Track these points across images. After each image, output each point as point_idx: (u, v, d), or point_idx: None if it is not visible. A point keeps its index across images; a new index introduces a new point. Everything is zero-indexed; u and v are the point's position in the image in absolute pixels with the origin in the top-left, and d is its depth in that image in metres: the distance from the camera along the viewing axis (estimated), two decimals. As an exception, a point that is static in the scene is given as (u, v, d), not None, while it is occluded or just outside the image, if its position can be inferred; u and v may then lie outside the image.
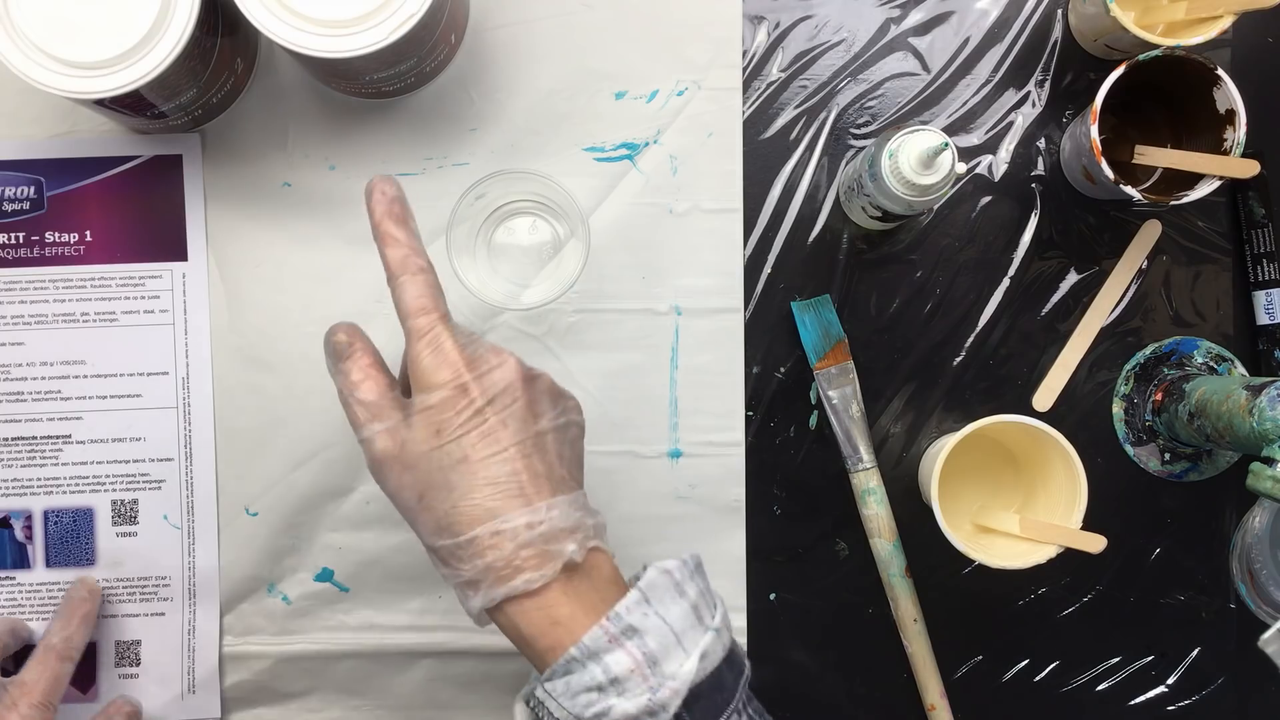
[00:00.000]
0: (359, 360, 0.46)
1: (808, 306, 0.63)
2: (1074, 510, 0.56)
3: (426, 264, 0.46)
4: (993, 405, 0.64)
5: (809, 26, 0.64)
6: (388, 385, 0.46)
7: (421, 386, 0.44)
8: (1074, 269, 0.64)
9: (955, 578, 0.64)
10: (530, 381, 0.46)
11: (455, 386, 0.44)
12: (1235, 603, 0.64)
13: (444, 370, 0.44)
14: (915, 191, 0.55)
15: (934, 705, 0.62)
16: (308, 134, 0.63)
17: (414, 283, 0.45)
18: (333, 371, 0.47)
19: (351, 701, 0.63)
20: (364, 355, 0.47)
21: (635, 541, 0.63)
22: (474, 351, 0.45)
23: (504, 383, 0.45)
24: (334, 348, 0.47)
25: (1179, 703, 0.64)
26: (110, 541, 0.63)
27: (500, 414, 0.44)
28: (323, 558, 0.63)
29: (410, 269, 0.46)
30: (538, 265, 0.62)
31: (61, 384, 0.62)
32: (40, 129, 0.62)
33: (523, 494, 0.44)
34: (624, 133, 0.63)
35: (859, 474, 0.63)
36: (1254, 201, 0.63)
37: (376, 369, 0.46)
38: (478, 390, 0.44)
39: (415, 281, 0.46)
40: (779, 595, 0.64)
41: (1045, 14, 0.64)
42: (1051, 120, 0.64)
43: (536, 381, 0.46)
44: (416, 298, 0.45)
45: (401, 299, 0.46)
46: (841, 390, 0.63)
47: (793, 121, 0.64)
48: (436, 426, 0.44)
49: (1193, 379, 0.60)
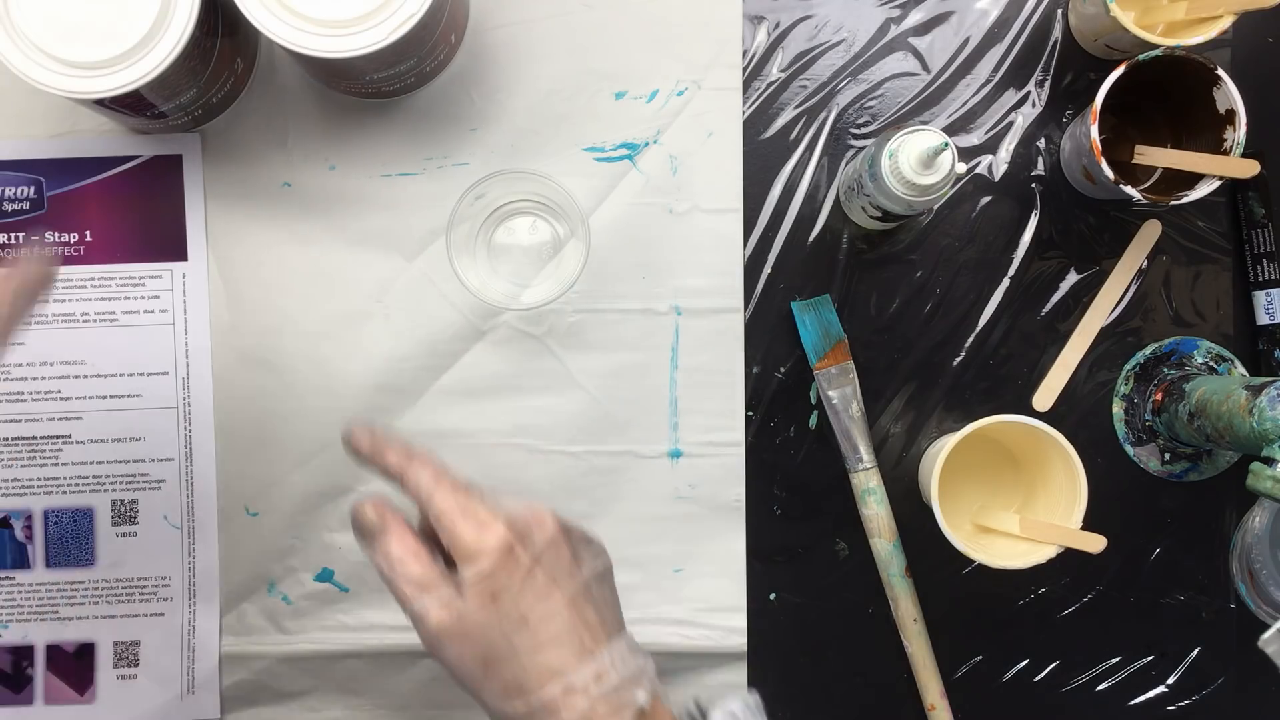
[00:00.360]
0: (395, 536, 0.45)
1: (808, 306, 0.63)
2: (1074, 510, 0.56)
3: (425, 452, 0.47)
4: (993, 405, 0.64)
5: (809, 26, 0.64)
6: (429, 556, 0.45)
7: (466, 557, 0.44)
8: (1074, 269, 0.64)
9: (955, 578, 0.64)
10: (567, 532, 0.46)
11: (502, 551, 0.44)
12: (1235, 603, 0.64)
13: (487, 536, 0.44)
14: (915, 191, 0.55)
15: (934, 705, 0.62)
16: (308, 134, 0.63)
17: (423, 468, 0.46)
18: (366, 549, 0.47)
19: (351, 701, 0.63)
20: (399, 529, 0.46)
21: (635, 541, 0.63)
22: (509, 512, 0.45)
23: (545, 538, 0.45)
24: (364, 526, 0.46)
25: (1179, 703, 0.64)
26: (110, 541, 0.63)
27: (548, 570, 0.45)
28: (323, 558, 0.63)
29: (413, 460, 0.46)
30: (538, 265, 0.62)
31: (61, 384, 0.62)
32: (40, 129, 0.62)
33: (583, 646, 0.44)
34: (624, 133, 0.63)
35: (859, 474, 0.63)
36: (1254, 201, 0.63)
37: (415, 540, 0.46)
38: (523, 550, 0.44)
39: (424, 467, 0.46)
40: (779, 595, 0.64)
41: (1045, 14, 0.64)
42: (1051, 120, 0.64)
43: (572, 531, 0.47)
44: (429, 479, 0.45)
45: (417, 486, 0.46)
46: (841, 390, 0.63)
47: (793, 121, 0.64)
48: (491, 593, 0.44)
49: (1193, 379, 0.60)
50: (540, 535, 0.45)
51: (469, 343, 0.63)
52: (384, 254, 0.63)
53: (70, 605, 0.63)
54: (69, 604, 0.63)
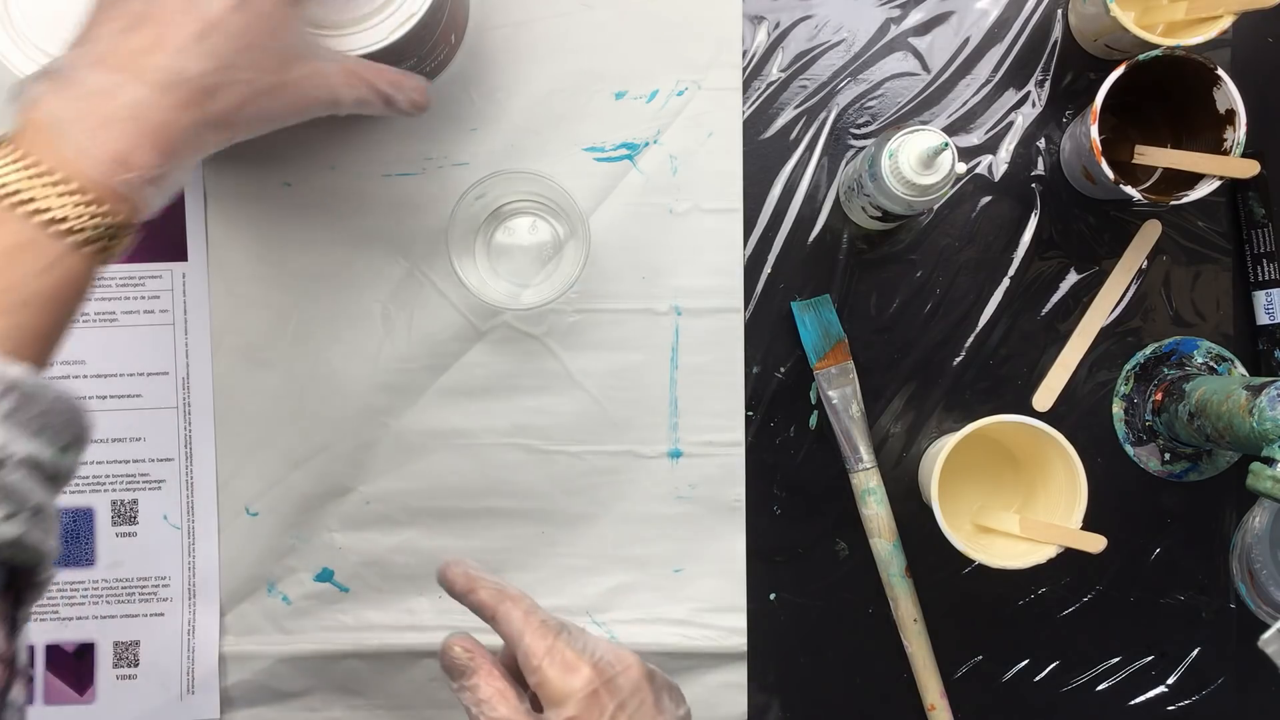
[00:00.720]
0: (484, 676, 0.47)
1: (808, 306, 0.63)
2: (1074, 510, 0.56)
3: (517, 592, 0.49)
4: (993, 405, 0.64)
5: (809, 26, 0.64)
6: (516, 698, 0.47)
7: (554, 701, 0.45)
8: (1074, 269, 0.64)
9: (955, 578, 0.64)
10: (650, 679, 0.48)
11: (587, 695, 0.45)
12: (1235, 603, 0.64)
13: (574, 680, 0.45)
14: (915, 191, 0.55)
15: (934, 705, 0.62)
16: (308, 134, 0.62)
17: (514, 607, 0.48)
18: (454, 687, 0.48)
19: (351, 701, 0.63)
20: (488, 669, 0.48)
21: (635, 541, 0.63)
22: (597, 656, 0.47)
23: (631, 685, 0.46)
24: (453, 664, 0.48)
25: (1179, 703, 0.64)
26: (110, 541, 0.63)
27: (631, 716, 0.46)
28: (323, 558, 0.63)
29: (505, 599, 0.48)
30: (538, 265, 0.62)
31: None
32: (40, 129, 0.62)
33: None
34: (624, 133, 0.63)
35: (859, 474, 0.63)
36: (1254, 201, 0.63)
37: (503, 680, 0.47)
38: (608, 696, 0.46)
39: (515, 606, 0.48)
40: (779, 595, 0.64)
41: (1045, 14, 0.64)
42: (1051, 120, 0.64)
43: (655, 678, 0.48)
44: (520, 618, 0.47)
45: (509, 624, 0.47)
46: (841, 390, 0.63)
47: (793, 121, 0.64)
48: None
49: (1193, 379, 0.60)
50: (625, 681, 0.46)
51: (469, 343, 0.63)
52: (384, 254, 0.63)
53: (70, 605, 0.63)
54: (69, 604, 0.63)
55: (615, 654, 0.47)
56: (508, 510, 0.63)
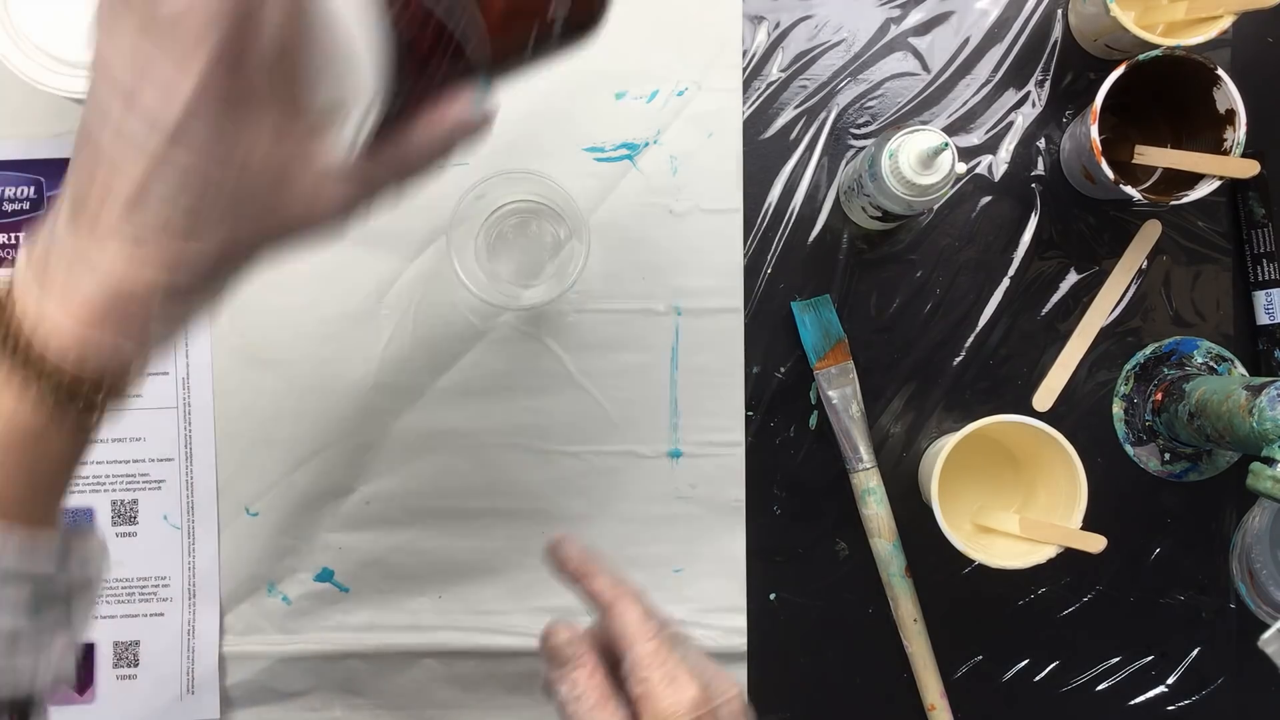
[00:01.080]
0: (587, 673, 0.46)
1: (808, 306, 0.63)
2: (1074, 510, 0.56)
3: (635, 590, 0.47)
4: (993, 405, 0.64)
5: (809, 26, 0.64)
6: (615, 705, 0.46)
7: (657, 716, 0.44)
8: (1074, 269, 0.64)
9: (955, 578, 0.64)
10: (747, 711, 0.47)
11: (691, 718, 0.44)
12: (1235, 603, 0.64)
13: (681, 699, 0.44)
14: (915, 191, 0.55)
15: (934, 705, 0.62)
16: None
17: (633, 608, 0.46)
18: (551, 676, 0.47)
19: (351, 701, 0.63)
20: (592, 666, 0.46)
21: (635, 541, 0.63)
22: (706, 678, 0.45)
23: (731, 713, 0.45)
24: (555, 652, 0.46)
25: (1179, 703, 0.64)
26: (110, 541, 0.62)
27: None
28: (323, 558, 0.63)
29: (623, 595, 0.46)
30: (538, 265, 0.62)
31: (61, 384, 0.62)
32: (40, 129, 0.62)
33: None
34: (624, 133, 0.63)
35: (859, 474, 0.63)
36: (1254, 201, 0.63)
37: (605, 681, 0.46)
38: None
39: (632, 606, 0.46)
40: (779, 595, 0.64)
41: (1045, 14, 0.64)
42: (1051, 120, 0.64)
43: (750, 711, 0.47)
44: (635, 621, 0.46)
45: (623, 624, 0.46)
46: (841, 390, 0.63)
47: (793, 121, 0.64)
48: None
49: (1193, 379, 0.60)
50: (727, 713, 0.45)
51: (469, 343, 0.63)
52: (384, 254, 0.63)
53: (70, 605, 0.63)
54: (69, 604, 0.63)
55: (722, 679, 0.46)
56: (508, 510, 0.63)
